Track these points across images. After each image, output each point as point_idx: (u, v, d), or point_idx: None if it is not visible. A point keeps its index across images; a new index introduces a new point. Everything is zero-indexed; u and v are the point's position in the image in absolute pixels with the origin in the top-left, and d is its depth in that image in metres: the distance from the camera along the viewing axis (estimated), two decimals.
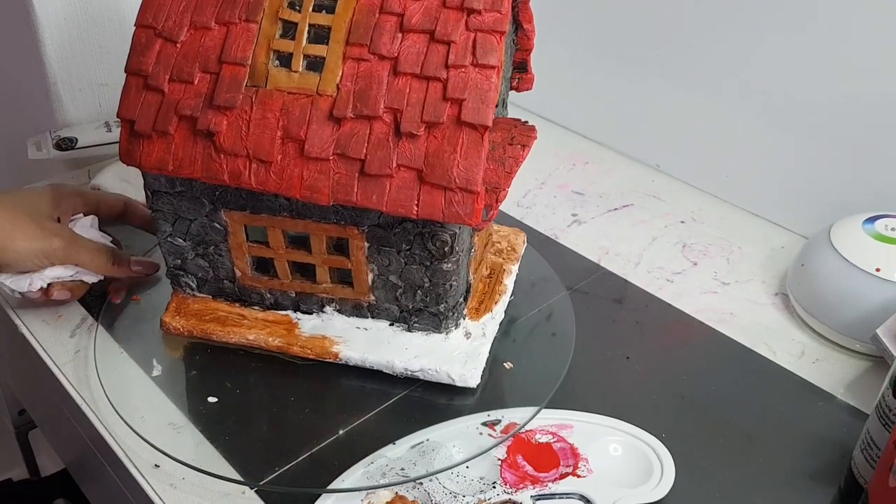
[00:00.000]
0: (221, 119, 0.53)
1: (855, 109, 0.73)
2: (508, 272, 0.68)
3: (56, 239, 0.62)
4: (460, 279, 0.59)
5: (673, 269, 0.76)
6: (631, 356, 0.65)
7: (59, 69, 0.86)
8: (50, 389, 0.65)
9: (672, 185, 0.88)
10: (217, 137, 0.53)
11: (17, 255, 0.61)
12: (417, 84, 0.51)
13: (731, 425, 0.59)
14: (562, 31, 0.95)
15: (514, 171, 0.54)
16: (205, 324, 0.62)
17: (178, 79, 0.54)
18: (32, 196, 0.65)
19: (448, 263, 0.56)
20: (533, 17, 0.61)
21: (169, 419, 0.58)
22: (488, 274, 0.67)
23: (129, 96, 0.55)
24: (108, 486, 0.62)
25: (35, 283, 0.63)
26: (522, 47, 0.62)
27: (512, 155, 0.55)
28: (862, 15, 0.70)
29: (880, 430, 0.50)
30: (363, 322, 0.62)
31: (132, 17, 0.88)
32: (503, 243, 0.71)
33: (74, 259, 0.63)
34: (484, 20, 0.51)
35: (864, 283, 0.64)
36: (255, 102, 0.52)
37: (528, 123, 0.58)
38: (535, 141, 0.57)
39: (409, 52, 0.51)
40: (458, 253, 0.56)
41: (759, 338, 0.68)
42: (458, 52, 0.51)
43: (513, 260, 0.70)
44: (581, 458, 0.55)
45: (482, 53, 0.51)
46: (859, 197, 0.73)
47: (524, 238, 0.73)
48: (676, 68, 0.85)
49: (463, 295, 0.62)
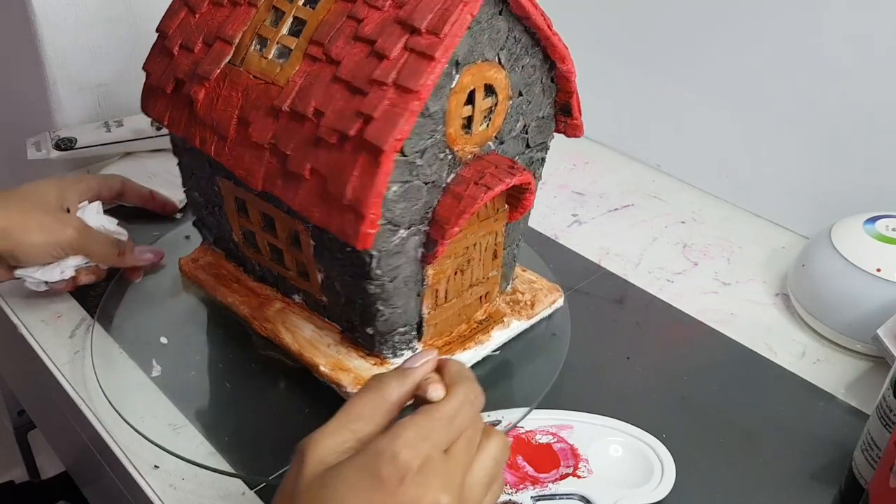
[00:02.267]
0: (200, 89, 0.55)
1: (855, 110, 0.73)
2: (505, 325, 0.63)
3: (69, 229, 0.64)
4: (395, 308, 0.56)
5: (673, 270, 0.76)
6: (631, 356, 0.65)
7: (58, 69, 0.86)
8: (49, 390, 0.65)
9: (672, 186, 0.88)
10: (195, 105, 0.56)
11: (34, 248, 0.63)
12: (346, 93, 0.49)
13: (731, 426, 0.59)
14: (562, 31, 0.94)
15: (468, 210, 0.51)
16: (205, 275, 0.66)
17: (184, 46, 0.57)
18: (39, 189, 0.66)
19: (372, 286, 0.53)
20: (567, 56, 0.55)
21: (169, 419, 0.58)
22: (482, 319, 0.63)
23: (153, 53, 0.60)
24: (109, 488, 0.62)
25: (66, 273, 0.65)
26: (563, 88, 0.57)
27: (471, 194, 0.52)
28: (862, 15, 0.70)
29: (881, 431, 0.50)
30: (320, 321, 0.62)
31: (132, 18, 0.89)
32: (526, 295, 0.66)
33: (85, 250, 0.65)
34: (419, 42, 0.47)
35: (864, 283, 0.63)
36: (227, 79, 0.55)
37: (517, 166, 0.54)
38: (504, 187, 0.53)
39: (351, 59, 0.49)
40: (383, 279, 0.53)
41: (760, 338, 0.68)
42: (385, 69, 0.47)
43: (524, 315, 0.64)
44: (581, 458, 0.55)
45: (406, 75, 0.47)
46: (860, 197, 0.73)
47: (557, 298, 0.66)
48: (677, 69, 0.85)
49: (410, 327, 0.58)
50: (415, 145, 0.49)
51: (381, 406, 0.42)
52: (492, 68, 0.51)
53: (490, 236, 0.59)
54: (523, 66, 0.53)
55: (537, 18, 0.51)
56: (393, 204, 0.50)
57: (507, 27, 0.51)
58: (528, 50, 0.53)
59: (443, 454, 0.40)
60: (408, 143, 0.48)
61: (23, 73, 0.90)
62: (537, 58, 0.54)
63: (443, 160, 0.51)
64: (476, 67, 0.50)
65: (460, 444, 0.41)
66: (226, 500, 0.53)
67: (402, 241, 0.52)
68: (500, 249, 0.61)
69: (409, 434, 0.39)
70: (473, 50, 0.49)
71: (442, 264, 0.56)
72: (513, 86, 0.53)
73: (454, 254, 0.57)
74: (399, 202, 0.50)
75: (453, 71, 0.49)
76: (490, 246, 0.60)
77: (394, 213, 0.50)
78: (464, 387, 0.42)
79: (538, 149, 0.59)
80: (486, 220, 0.57)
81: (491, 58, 0.51)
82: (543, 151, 0.60)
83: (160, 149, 0.85)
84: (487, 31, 0.50)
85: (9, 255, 0.63)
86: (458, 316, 0.61)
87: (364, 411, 0.41)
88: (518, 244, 0.63)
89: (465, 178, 0.53)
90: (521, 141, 0.57)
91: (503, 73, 0.52)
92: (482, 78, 0.51)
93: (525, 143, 0.57)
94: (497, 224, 0.59)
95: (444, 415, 0.41)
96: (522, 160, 0.58)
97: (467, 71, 0.50)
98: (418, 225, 0.53)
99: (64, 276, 0.65)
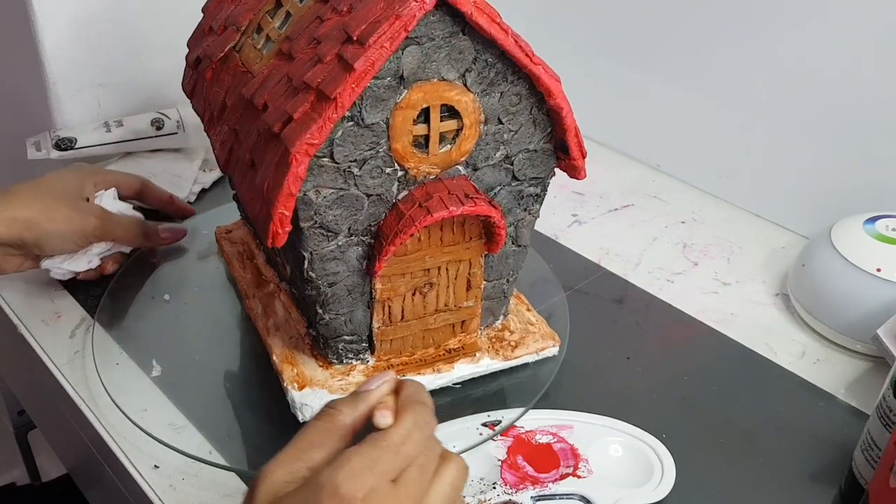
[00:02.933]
0: (208, 69, 0.58)
1: (856, 110, 0.73)
2: (474, 360, 0.60)
3: (92, 217, 0.66)
4: (336, 314, 0.55)
5: (673, 270, 0.76)
6: (631, 356, 0.65)
7: (58, 69, 0.86)
8: (49, 390, 0.65)
9: (673, 186, 0.88)
10: (204, 83, 0.58)
11: (60, 238, 0.64)
12: (286, 91, 0.49)
13: (731, 426, 0.59)
14: (562, 31, 0.95)
15: (406, 230, 0.51)
16: (230, 247, 0.70)
17: (214, 27, 0.60)
18: (60, 180, 0.68)
19: (308, 287, 0.54)
20: (556, 90, 0.51)
21: (169, 419, 0.58)
22: (454, 348, 0.61)
23: (195, 31, 0.63)
24: (109, 489, 0.62)
25: (94, 262, 0.68)
26: (557, 124, 0.54)
27: (413, 215, 0.51)
28: (863, 15, 0.70)
29: (881, 431, 0.50)
30: (296, 313, 0.62)
31: (131, 18, 0.89)
32: (514, 335, 0.63)
33: (110, 235, 0.67)
34: (347, 50, 0.46)
35: (864, 283, 0.63)
36: (226, 63, 0.56)
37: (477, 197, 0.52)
38: (447, 215, 0.51)
39: (300, 59, 0.50)
40: (318, 282, 0.53)
41: (760, 338, 0.68)
42: (315, 73, 0.47)
43: (500, 356, 0.61)
44: (581, 458, 0.55)
45: (326, 82, 0.46)
46: (860, 197, 0.73)
47: (548, 347, 0.62)
48: (677, 68, 0.85)
49: (359, 337, 0.58)
50: (348, 154, 0.49)
51: (333, 433, 0.40)
52: (452, 89, 0.49)
53: (460, 264, 0.57)
54: (502, 92, 0.51)
55: (507, 44, 0.48)
56: (324, 209, 0.50)
57: (472, 48, 0.48)
58: (507, 77, 0.50)
59: (390, 484, 0.38)
60: (339, 150, 0.48)
61: (23, 73, 0.90)
62: (522, 86, 0.51)
63: (390, 175, 0.51)
64: (430, 85, 0.48)
65: (411, 473, 0.39)
66: (226, 500, 0.53)
67: (341, 249, 0.52)
68: (475, 280, 0.58)
69: (352, 464, 0.38)
70: (425, 67, 0.48)
71: (393, 281, 0.55)
72: (486, 112, 0.51)
73: (408, 272, 0.55)
74: (332, 208, 0.50)
75: (398, 85, 0.48)
76: (462, 275, 0.57)
77: (325, 217, 0.50)
78: (413, 412, 0.41)
79: (530, 183, 0.56)
80: (452, 245, 0.55)
81: (452, 78, 0.49)
82: (538, 187, 0.56)
83: (160, 149, 0.85)
84: (445, 50, 0.48)
85: (34, 245, 0.64)
86: (423, 339, 0.60)
87: (316, 439, 0.40)
88: (510, 279, 0.60)
89: (414, 198, 0.52)
90: (502, 171, 0.54)
91: (470, 96, 0.50)
92: (438, 98, 0.49)
93: (510, 175, 0.55)
94: (468, 253, 0.56)
95: (391, 442, 0.39)
96: (508, 192, 0.55)
97: (417, 88, 0.48)
98: (361, 235, 0.52)
99: (91, 265, 0.68)
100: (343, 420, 0.41)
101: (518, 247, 0.59)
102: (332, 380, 0.58)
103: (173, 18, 0.89)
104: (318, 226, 0.51)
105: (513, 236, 0.58)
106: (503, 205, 0.56)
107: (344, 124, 0.48)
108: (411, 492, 0.39)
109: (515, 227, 0.57)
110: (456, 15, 0.47)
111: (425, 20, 0.46)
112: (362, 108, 0.47)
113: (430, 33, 0.47)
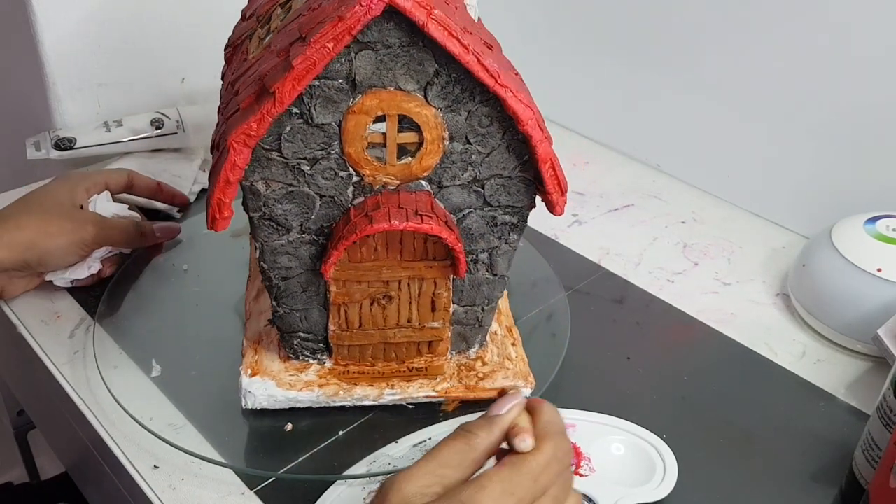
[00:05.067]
0: (229, 53, 0.59)
1: (856, 110, 0.73)
2: (425, 382, 0.59)
3: (89, 225, 0.66)
4: (290, 309, 0.55)
5: (674, 270, 0.76)
6: (631, 357, 0.65)
7: (58, 69, 0.85)
8: (48, 390, 0.65)
9: (673, 185, 0.88)
10: (226, 65, 0.59)
11: (61, 251, 0.65)
12: (252, 82, 0.49)
13: (731, 426, 0.59)
14: (562, 31, 0.95)
15: (349, 236, 0.50)
16: None
17: (247, 15, 0.61)
18: (49, 193, 0.67)
19: (263, 276, 0.55)
20: (527, 118, 0.49)
21: (169, 419, 0.58)
22: (419, 367, 0.59)
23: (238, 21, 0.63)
24: (108, 489, 0.62)
25: (94, 268, 0.68)
26: (530, 153, 0.51)
27: (357, 222, 0.50)
28: (863, 15, 0.70)
29: (881, 431, 0.50)
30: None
31: (131, 17, 0.88)
32: (485, 368, 0.60)
33: (109, 240, 0.67)
34: (295, 48, 0.46)
35: (865, 283, 0.63)
36: (240, 50, 0.57)
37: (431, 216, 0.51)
38: (387, 228, 0.50)
39: (270, 52, 0.50)
40: (270, 273, 0.54)
41: (760, 338, 0.68)
42: (268, 67, 0.47)
43: (462, 386, 0.59)
44: (583, 457, 0.55)
45: (270, 76, 0.46)
46: (860, 197, 0.73)
47: (517, 389, 0.59)
48: (677, 68, 0.85)
49: (315, 336, 0.57)
50: (297, 151, 0.49)
51: (468, 455, 0.41)
52: (411, 101, 0.48)
53: (423, 282, 0.55)
54: (469, 111, 0.49)
55: (466, 60, 0.46)
56: (273, 202, 0.51)
57: (434, 61, 0.47)
58: (475, 95, 0.48)
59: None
60: (287, 145, 0.49)
61: (23, 73, 0.90)
62: (493, 108, 0.49)
63: (345, 179, 0.51)
64: (386, 94, 0.48)
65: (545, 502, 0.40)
66: (225, 500, 0.53)
67: (293, 245, 0.53)
68: (440, 301, 0.56)
69: (494, 487, 0.39)
70: (380, 74, 0.47)
71: (348, 286, 0.55)
72: (451, 129, 0.49)
73: (364, 280, 0.54)
74: (282, 202, 0.51)
75: (350, 88, 0.47)
76: (426, 293, 0.55)
77: (274, 210, 0.51)
78: (553, 441, 0.42)
79: (505, 211, 0.54)
80: (411, 261, 0.54)
81: (410, 89, 0.48)
82: (514, 216, 0.54)
83: (160, 149, 0.85)
84: (403, 59, 0.47)
85: (38, 264, 0.65)
86: (384, 351, 0.58)
87: (452, 459, 0.41)
88: (485, 308, 0.58)
89: (364, 206, 0.51)
90: (472, 193, 0.52)
91: (431, 110, 0.48)
92: (395, 107, 0.48)
93: (481, 199, 0.53)
94: (431, 272, 0.54)
95: (531, 470, 0.40)
96: (479, 217, 0.53)
97: (372, 94, 0.48)
98: (315, 234, 0.53)
99: (92, 270, 0.68)
100: (479, 444, 0.42)
101: (493, 275, 0.57)
102: (284, 373, 0.58)
103: (173, 18, 0.88)
104: (267, 217, 0.51)
105: (486, 263, 0.56)
106: (473, 229, 0.54)
107: (292, 120, 0.48)
108: None
109: (490, 255, 0.56)
110: (412, 24, 0.45)
111: (378, 26, 0.45)
112: (312, 107, 0.48)
113: (384, 40, 0.46)
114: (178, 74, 0.64)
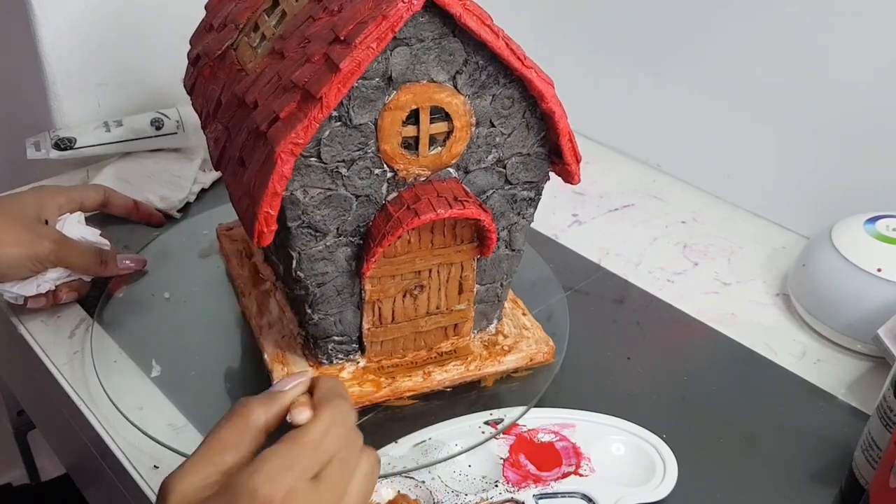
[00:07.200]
0: (206, 65, 0.58)
1: (856, 110, 0.73)
2: (458, 363, 0.59)
3: (46, 242, 0.62)
4: (325, 314, 0.55)
5: (674, 270, 0.76)
6: (632, 357, 0.65)
7: (57, 69, 0.85)
8: (48, 390, 0.65)
9: (673, 186, 0.88)
10: (202, 79, 0.58)
11: (11, 262, 0.61)
12: (275, 90, 0.49)
13: (732, 426, 0.59)
14: (563, 31, 0.95)
15: (394, 232, 0.50)
16: (230, 245, 0.70)
17: (215, 25, 0.60)
18: (16, 201, 0.64)
19: (297, 287, 0.54)
20: (548, 94, 0.50)
21: (168, 420, 0.58)
22: (446, 351, 0.60)
23: (198, 28, 0.64)
24: (108, 489, 0.62)
25: (43, 287, 0.63)
26: (550, 127, 0.53)
27: (400, 216, 0.51)
28: (864, 16, 0.70)
29: (881, 431, 0.50)
30: (290, 312, 0.62)
31: (131, 17, 0.88)
32: (507, 340, 0.62)
33: (65, 262, 0.63)
34: (334, 50, 0.46)
35: (865, 283, 0.63)
36: (223, 61, 0.56)
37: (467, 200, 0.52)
38: (434, 217, 0.51)
39: (291, 58, 0.50)
40: (307, 282, 0.53)
41: (760, 338, 0.68)
42: (303, 72, 0.47)
43: (493, 360, 0.60)
44: (583, 457, 0.55)
45: (313, 82, 0.46)
46: (860, 197, 0.73)
47: (538, 353, 0.61)
48: (678, 68, 0.85)
49: (349, 338, 0.57)
50: (336, 154, 0.49)
51: (245, 433, 0.39)
52: (442, 91, 0.49)
53: (451, 267, 0.56)
54: (493, 95, 0.50)
55: (498, 47, 0.48)
56: (312, 209, 0.50)
57: (463, 50, 0.48)
58: (499, 79, 0.50)
59: (311, 482, 0.38)
60: (326, 150, 0.48)
61: (23, 72, 0.90)
62: (515, 89, 0.51)
63: (379, 176, 0.51)
64: (419, 87, 0.48)
65: (332, 469, 0.39)
66: None
67: (330, 249, 0.52)
68: (467, 283, 0.58)
69: (270, 466, 0.37)
70: (414, 68, 0.47)
71: (383, 282, 0.55)
72: (478, 114, 0.51)
73: (398, 274, 0.55)
74: (320, 208, 0.50)
75: (386, 86, 0.47)
76: (454, 277, 0.57)
77: (312, 217, 0.50)
78: (331, 406, 0.40)
79: (524, 187, 0.56)
80: (442, 248, 0.55)
81: (442, 80, 0.49)
82: (531, 191, 0.56)
83: (160, 149, 0.85)
84: (435, 52, 0.47)
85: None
86: (414, 341, 0.59)
87: (228, 441, 0.39)
88: (504, 283, 0.60)
89: (402, 200, 0.52)
90: (494, 174, 0.54)
91: (460, 98, 0.50)
92: (428, 99, 0.49)
93: (503, 178, 0.54)
94: (460, 256, 0.56)
95: (310, 439, 0.38)
96: (501, 196, 0.55)
97: (406, 89, 0.48)
98: (350, 236, 0.52)
99: (41, 289, 0.63)
100: (256, 419, 0.40)
101: (512, 251, 0.58)
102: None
103: (173, 18, 0.89)
104: (305, 225, 0.51)
105: (506, 240, 0.57)
106: (495, 208, 0.55)
107: (331, 124, 0.48)
108: (332, 488, 0.38)
109: (509, 231, 0.57)
110: (446, 16, 0.46)
111: (414, 21, 0.46)
112: (350, 109, 0.47)
113: (419, 34, 0.47)
114: (178, 74, 0.64)
